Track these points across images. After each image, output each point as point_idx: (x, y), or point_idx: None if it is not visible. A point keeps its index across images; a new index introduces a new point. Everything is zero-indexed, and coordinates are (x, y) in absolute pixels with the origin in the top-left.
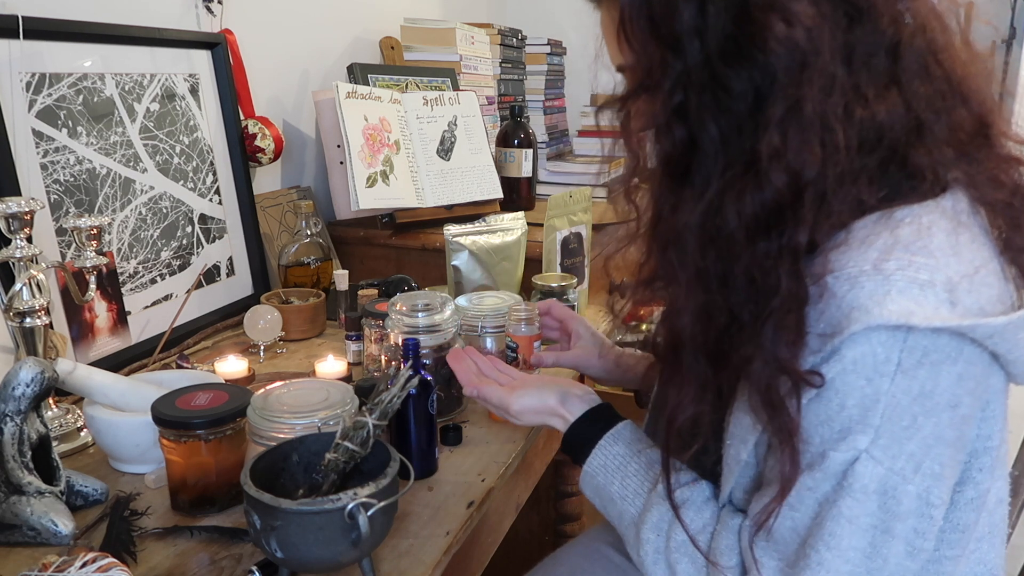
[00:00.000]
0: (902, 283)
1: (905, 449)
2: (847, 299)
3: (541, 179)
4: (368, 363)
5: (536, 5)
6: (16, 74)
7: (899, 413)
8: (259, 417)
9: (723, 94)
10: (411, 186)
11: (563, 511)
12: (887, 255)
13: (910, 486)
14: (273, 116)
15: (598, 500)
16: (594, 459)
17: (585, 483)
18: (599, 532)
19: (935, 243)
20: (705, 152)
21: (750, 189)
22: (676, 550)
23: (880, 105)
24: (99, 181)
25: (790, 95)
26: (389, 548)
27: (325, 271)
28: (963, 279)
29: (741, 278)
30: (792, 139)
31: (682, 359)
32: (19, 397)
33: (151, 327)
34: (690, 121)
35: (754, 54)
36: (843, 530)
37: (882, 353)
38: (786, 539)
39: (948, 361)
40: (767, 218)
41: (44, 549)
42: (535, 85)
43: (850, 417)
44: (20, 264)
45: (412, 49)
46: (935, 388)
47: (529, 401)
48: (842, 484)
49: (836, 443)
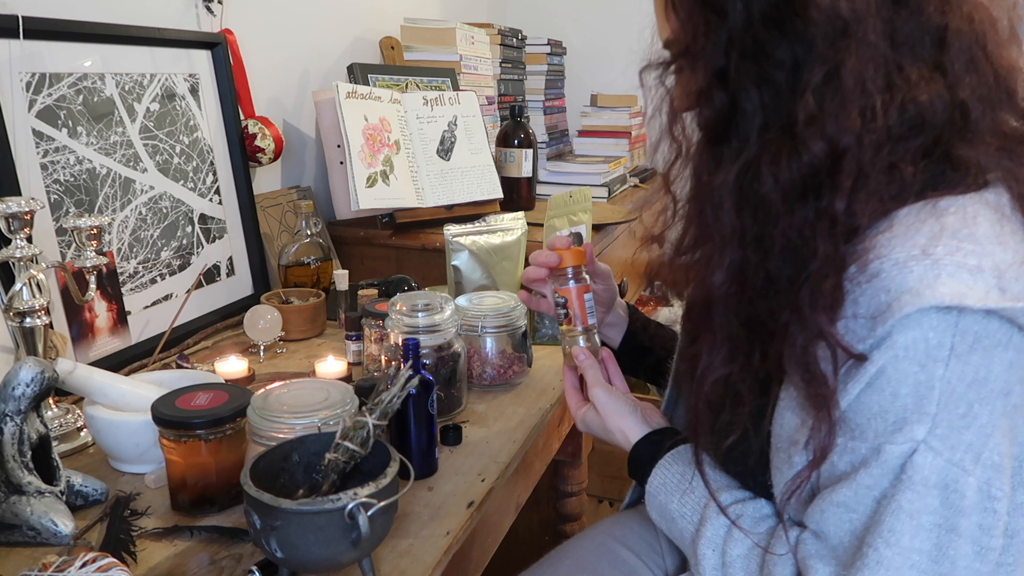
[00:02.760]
0: (951, 267)
1: (964, 439)
2: (896, 283)
3: (541, 179)
4: (368, 363)
5: (536, 5)
6: (16, 74)
7: (955, 400)
8: (259, 417)
9: (764, 59)
10: (411, 186)
11: (563, 511)
12: (935, 241)
13: (971, 478)
14: (273, 116)
15: (663, 521)
16: (655, 478)
17: (650, 504)
18: (609, 526)
19: (981, 232)
20: (745, 117)
21: (787, 154)
22: (731, 564)
23: (923, 89)
24: (99, 181)
25: (828, 61)
26: (389, 548)
27: (325, 271)
28: (1010, 267)
29: (778, 242)
30: (829, 105)
31: (714, 317)
32: (19, 397)
33: (151, 327)
34: (731, 86)
35: (795, 21)
36: (903, 526)
37: (934, 338)
38: (844, 543)
39: (1000, 347)
40: (804, 184)
41: (44, 549)
42: (535, 85)
43: (905, 407)
44: (20, 264)
45: (412, 49)
46: (989, 374)
47: (592, 417)
48: (900, 478)
49: (892, 435)
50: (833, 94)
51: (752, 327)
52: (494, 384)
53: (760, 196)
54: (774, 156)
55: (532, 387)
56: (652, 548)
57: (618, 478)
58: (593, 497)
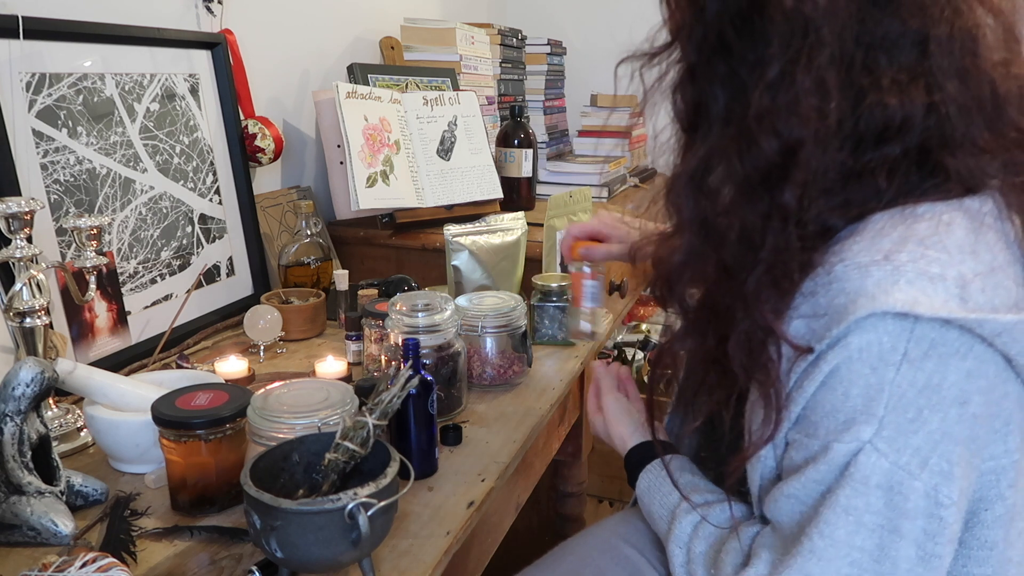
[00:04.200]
0: (912, 274)
1: (911, 443)
2: (854, 285)
3: (541, 179)
4: (368, 363)
5: (536, 5)
6: (16, 74)
7: (904, 404)
8: (259, 417)
9: (729, 56)
10: (411, 186)
11: (563, 511)
12: (900, 247)
13: (917, 482)
14: (273, 116)
15: (650, 521)
16: (642, 480)
17: (640, 505)
18: (614, 524)
19: (952, 240)
20: (709, 111)
21: (741, 149)
22: (694, 561)
23: (894, 93)
24: (99, 181)
25: (782, 59)
26: (389, 548)
27: (325, 271)
28: (977, 277)
29: (733, 233)
30: (781, 102)
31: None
32: (19, 397)
33: (151, 327)
34: (699, 81)
35: (757, 19)
36: (839, 520)
37: (888, 342)
38: (792, 533)
39: (957, 356)
40: (759, 178)
41: (44, 549)
42: (535, 85)
43: (854, 407)
44: (20, 264)
45: (412, 49)
46: (942, 382)
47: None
48: (844, 475)
49: (840, 434)
50: (786, 91)
51: (709, 311)
52: (494, 384)
53: (713, 188)
54: (729, 150)
55: (532, 387)
56: (656, 546)
57: (618, 478)
58: (593, 497)
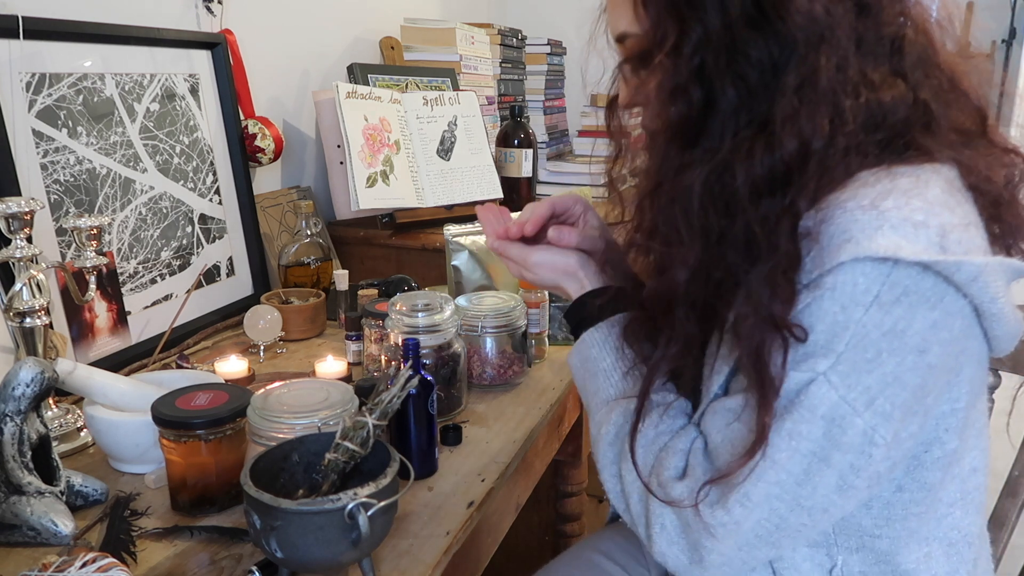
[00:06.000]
0: (896, 220)
1: (862, 381)
2: (840, 229)
3: (541, 179)
4: (368, 363)
5: (536, 5)
6: (16, 74)
7: (865, 344)
8: (259, 417)
9: (742, 59)
10: (411, 186)
11: (563, 511)
12: (884, 196)
13: (858, 419)
14: (273, 116)
15: (583, 371)
16: (598, 331)
17: (578, 351)
18: (594, 541)
19: (931, 194)
20: (721, 114)
21: (761, 150)
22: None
23: (886, 91)
24: (99, 181)
25: (807, 65)
26: (389, 548)
27: (325, 271)
28: (955, 229)
29: (740, 236)
30: (805, 107)
31: (675, 316)
32: (19, 397)
33: (151, 327)
34: (708, 83)
35: (775, 23)
36: (782, 443)
37: (863, 284)
38: (721, 446)
39: (926, 304)
40: (772, 180)
41: (44, 549)
42: (535, 85)
43: (816, 341)
44: (20, 264)
45: (412, 49)
46: (907, 328)
47: (549, 257)
48: (793, 402)
49: (797, 364)
50: (810, 97)
51: (707, 320)
52: (494, 384)
53: (728, 192)
54: (748, 152)
55: (532, 387)
56: (637, 561)
57: None
58: (593, 497)
